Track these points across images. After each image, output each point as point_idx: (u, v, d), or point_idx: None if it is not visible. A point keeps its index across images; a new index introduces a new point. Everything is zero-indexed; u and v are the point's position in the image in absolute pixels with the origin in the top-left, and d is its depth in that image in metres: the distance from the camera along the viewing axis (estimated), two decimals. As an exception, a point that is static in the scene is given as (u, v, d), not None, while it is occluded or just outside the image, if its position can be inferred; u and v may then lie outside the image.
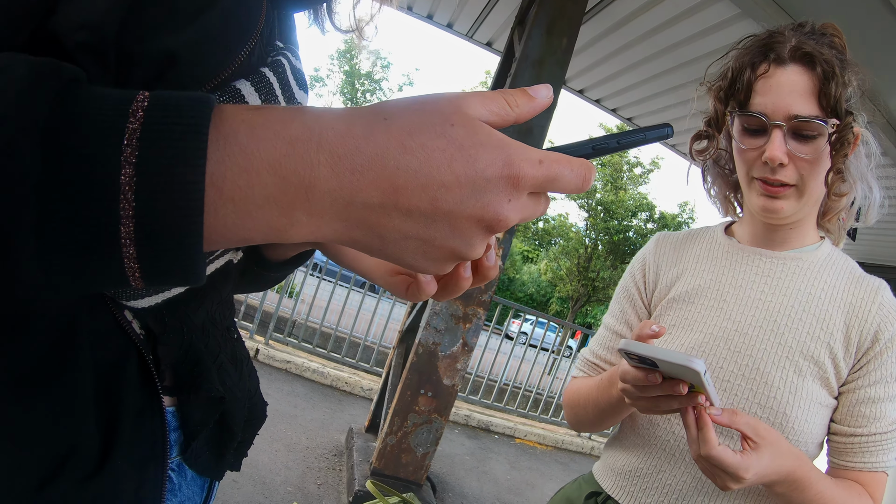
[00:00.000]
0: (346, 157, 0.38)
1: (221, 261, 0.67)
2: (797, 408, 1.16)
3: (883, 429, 1.16)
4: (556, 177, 0.43)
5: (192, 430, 0.67)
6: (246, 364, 0.81)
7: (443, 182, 0.40)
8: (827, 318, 1.21)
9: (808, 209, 1.25)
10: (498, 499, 5.43)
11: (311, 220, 0.40)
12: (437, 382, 4.19)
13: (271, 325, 7.25)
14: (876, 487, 1.18)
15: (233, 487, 3.78)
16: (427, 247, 0.43)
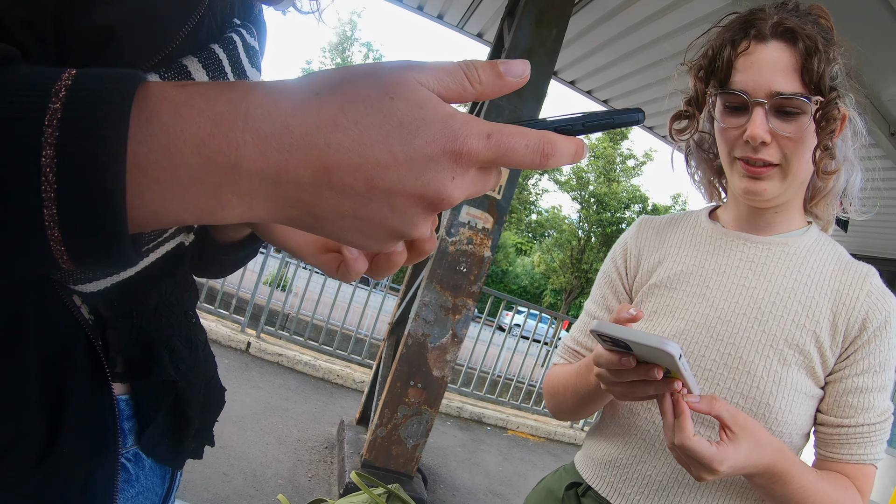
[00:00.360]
0: (273, 137, 0.36)
1: (172, 243, 0.65)
2: (780, 398, 1.13)
3: (871, 420, 1.13)
4: (507, 151, 0.40)
5: (146, 416, 0.66)
6: (202, 348, 0.79)
7: (378, 160, 0.38)
8: (813, 306, 1.17)
9: (792, 191, 1.20)
10: (490, 490, 5.43)
11: (242, 201, 0.38)
12: (427, 374, 4.18)
13: (263, 317, 7.24)
14: (864, 480, 1.15)
15: (223, 481, 3.78)
16: (366, 225, 0.41)
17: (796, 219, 1.27)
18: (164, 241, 0.64)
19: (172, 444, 0.72)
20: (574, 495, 1.32)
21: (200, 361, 0.77)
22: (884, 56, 4.28)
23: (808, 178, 1.21)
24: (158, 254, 0.63)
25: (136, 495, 0.69)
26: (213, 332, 6.78)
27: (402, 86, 0.38)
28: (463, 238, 4.11)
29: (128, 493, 0.67)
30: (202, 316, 6.86)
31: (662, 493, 1.19)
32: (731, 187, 1.26)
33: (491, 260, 4.17)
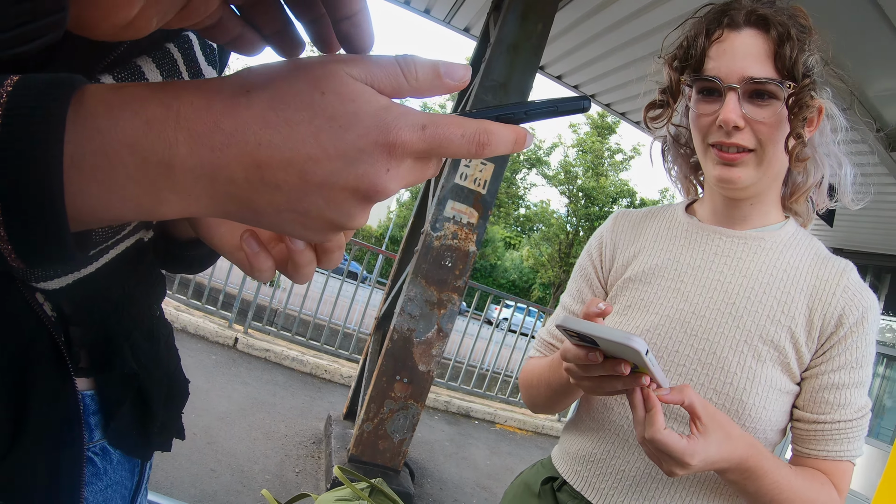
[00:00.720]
0: (204, 135, 0.37)
1: (131, 239, 0.66)
2: (754, 394, 1.12)
3: (848, 416, 1.12)
4: (444, 142, 0.41)
5: (110, 409, 0.67)
6: (164, 341, 0.80)
7: (310, 155, 0.38)
8: (789, 301, 1.15)
9: (767, 181, 1.19)
10: (478, 484, 5.45)
11: (179, 198, 0.39)
12: (413, 368, 4.19)
13: (250, 313, 7.22)
14: (841, 477, 1.14)
15: (210, 476, 3.77)
16: (304, 218, 0.41)
17: (773, 213, 1.25)
18: (123, 238, 0.64)
19: (139, 436, 0.73)
20: (550, 490, 1.32)
21: (162, 354, 0.78)
22: (870, 53, 4.31)
23: (783, 170, 1.20)
24: (118, 250, 0.64)
25: (105, 488, 0.70)
26: (200, 327, 6.76)
27: (332, 80, 0.39)
28: (448, 233, 4.11)
29: (96, 486, 0.68)
30: (189, 312, 6.88)
31: (636, 489, 1.18)
32: (706, 177, 1.26)
33: (476, 254, 4.18)
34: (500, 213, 34.27)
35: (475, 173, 4.12)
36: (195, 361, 5.88)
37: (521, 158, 32.99)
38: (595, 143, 31.21)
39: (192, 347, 6.30)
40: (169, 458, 3.76)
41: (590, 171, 31.41)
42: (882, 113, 5.29)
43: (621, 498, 1.19)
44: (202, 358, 6.11)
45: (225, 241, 0.61)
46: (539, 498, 1.33)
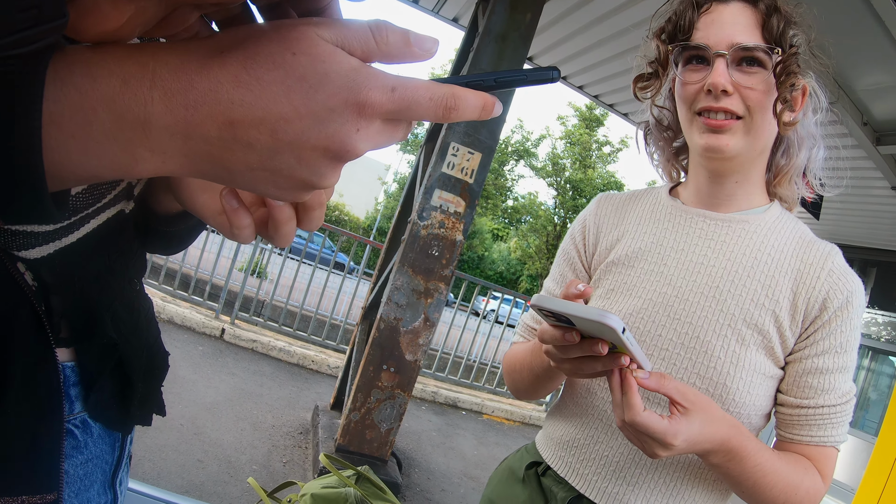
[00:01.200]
0: (179, 93, 0.38)
1: (112, 210, 0.66)
2: (738, 379, 1.11)
3: (832, 401, 1.11)
4: (412, 104, 0.42)
5: (90, 380, 0.67)
6: (144, 313, 0.80)
7: (281, 114, 0.39)
8: (773, 285, 1.14)
9: (754, 154, 1.17)
10: (465, 474, 5.47)
11: (154, 156, 0.40)
12: (400, 358, 4.19)
13: (237, 304, 7.20)
14: (825, 462, 1.13)
15: (197, 467, 3.77)
16: (276, 177, 0.43)
17: (757, 195, 1.24)
18: (104, 207, 0.64)
19: (119, 409, 0.73)
20: (534, 475, 1.32)
21: (142, 326, 0.78)
22: (858, 47, 4.34)
23: (768, 145, 1.20)
24: (99, 220, 0.64)
25: (86, 462, 0.70)
26: (187, 318, 6.73)
27: (303, 41, 0.40)
28: (435, 222, 4.11)
29: (76, 459, 0.68)
30: (176, 303, 6.86)
31: (619, 474, 1.18)
32: (691, 150, 1.25)
33: (463, 244, 4.18)
34: (487, 204, 34.28)
35: (462, 162, 4.12)
36: (182, 352, 5.86)
37: (508, 150, 33.01)
38: (583, 136, 31.24)
39: (178, 338, 6.27)
40: (156, 449, 3.76)
41: (577, 163, 31.46)
42: (869, 107, 5.33)
43: (605, 483, 1.19)
44: (189, 349, 6.09)
45: (207, 207, 0.62)
46: (523, 483, 1.33)
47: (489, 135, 4.20)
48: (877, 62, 4.53)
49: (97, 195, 0.62)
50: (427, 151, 4.85)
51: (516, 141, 33.31)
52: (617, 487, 1.18)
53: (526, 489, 1.32)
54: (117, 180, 0.64)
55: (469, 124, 4.12)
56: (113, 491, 0.77)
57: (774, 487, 1.07)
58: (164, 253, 0.87)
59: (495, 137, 4.24)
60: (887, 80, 4.79)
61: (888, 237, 8.89)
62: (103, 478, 0.74)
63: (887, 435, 5.86)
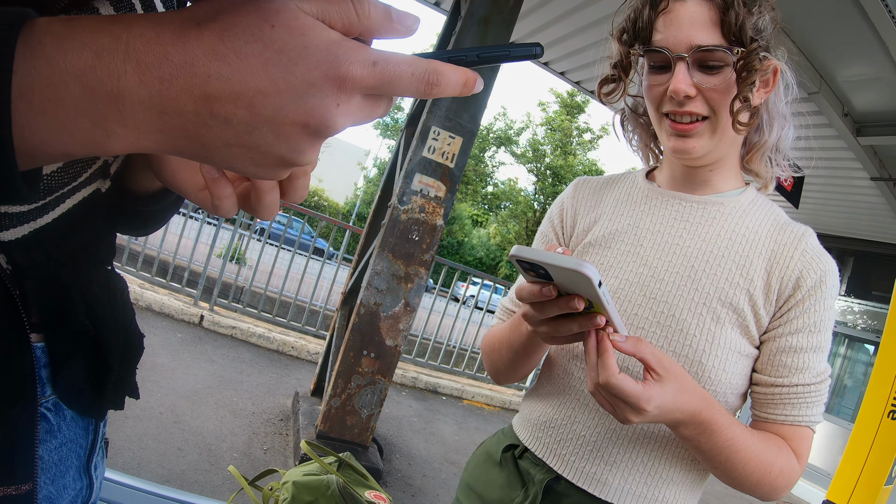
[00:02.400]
0: (153, 66, 0.37)
1: (88, 189, 0.64)
2: (714, 356, 1.12)
3: (806, 380, 1.12)
4: (393, 79, 0.41)
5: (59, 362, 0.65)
6: (120, 294, 0.78)
7: (259, 88, 0.38)
8: (747, 265, 1.15)
9: (724, 148, 1.19)
10: (445, 459, 5.49)
11: (128, 131, 0.39)
12: (380, 343, 4.19)
13: (215, 290, 7.15)
14: (800, 442, 1.13)
15: (178, 456, 3.74)
16: (253, 154, 0.41)
17: (732, 178, 1.26)
18: (80, 186, 0.63)
19: (92, 392, 0.71)
20: (511, 457, 1.32)
21: (119, 307, 0.76)
22: (838, 39, 4.37)
23: (738, 136, 1.20)
24: (75, 200, 0.62)
25: (60, 446, 0.68)
26: (165, 305, 6.68)
27: (282, 13, 0.39)
28: (415, 206, 4.09)
29: (50, 443, 0.67)
30: (154, 290, 6.81)
31: (596, 453, 1.18)
32: (663, 147, 1.25)
33: (443, 228, 4.17)
34: (467, 190, 34.33)
35: (443, 147, 4.10)
36: (160, 339, 5.82)
37: (489, 136, 33.03)
38: (564, 122, 31.33)
39: (157, 325, 6.22)
40: (135, 438, 3.73)
41: (558, 149, 31.58)
42: (850, 98, 5.38)
43: (582, 463, 1.19)
44: (167, 336, 6.04)
45: (189, 183, 0.61)
46: (500, 466, 1.33)
47: (470, 119, 4.18)
48: (858, 54, 4.57)
49: (73, 174, 0.60)
50: (408, 135, 4.83)
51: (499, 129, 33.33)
52: (595, 467, 1.18)
53: (503, 472, 1.32)
54: (93, 158, 0.62)
55: (450, 109, 4.09)
56: (88, 476, 0.76)
57: (747, 464, 1.07)
58: (134, 234, 0.86)
59: (476, 122, 4.23)
60: (868, 72, 4.84)
61: (866, 227, 9.04)
62: (78, 463, 0.73)
63: (863, 421, 5.96)
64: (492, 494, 1.32)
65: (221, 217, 0.57)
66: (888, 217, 8.00)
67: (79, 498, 0.74)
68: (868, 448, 5.86)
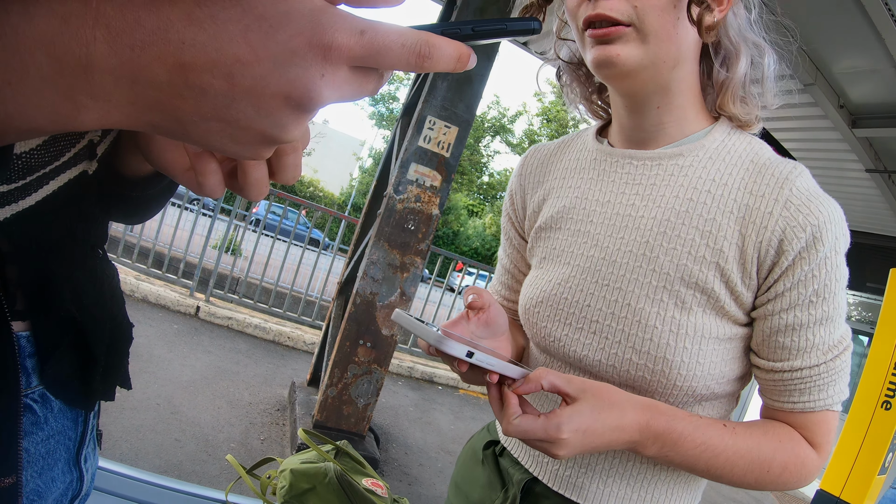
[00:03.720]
0: (124, 32, 0.34)
1: (74, 171, 0.62)
2: (681, 349, 0.93)
3: (812, 361, 0.92)
4: (382, 49, 0.38)
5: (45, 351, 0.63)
6: (108, 282, 0.76)
7: (238, 56, 0.35)
8: (715, 230, 0.93)
9: (666, 66, 0.94)
10: (442, 448, 5.50)
11: (98, 104, 0.37)
12: (376, 333, 4.19)
13: (211, 281, 7.14)
14: (816, 429, 0.96)
15: (175, 446, 3.75)
16: (232, 129, 0.39)
17: (692, 119, 1.02)
18: (64, 167, 0.60)
19: (80, 383, 0.69)
20: (492, 455, 1.23)
21: (106, 296, 0.74)
22: (834, 31, 4.37)
23: (687, 56, 0.97)
24: (60, 182, 0.60)
25: (47, 438, 0.67)
26: (161, 297, 6.67)
27: None
28: (411, 196, 4.09)
29: (37, 436, 0.65)
30: (150, 281, 6.79)
31: (571, 458, 1.05)
32: (589, 66, 0.98)
33: (439, 218, 4.17)
34: (463, 180, 34.26)
35: (439, 136, 4.09)
36: (157, 331, 5.81)
37: (484, 126, 32.94)
38: (560, 112, 31.25)
39: (153, 317, 6.21)
40: (132, 429, 3.74)
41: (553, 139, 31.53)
42: (846, 90, 5.38)
43: (556, 466, 1.08)
44: (164, 327, 6.03)
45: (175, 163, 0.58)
46: (483, 465, 1.24)
47: (466, 109, 4.18)
48: (854, 45, 4.57)
49: (54, 153, 0.58)
50: (403, 125, 4.82)
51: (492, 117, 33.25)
52: (570, 471, 1.06)
53: (485, 471, 1.22)
54: (77, 137, 0.59)
55: (446, 98, 4.09)
56: (79, 468, 0.74)
57: (735, 467, 0.93)
58: (127, 221, 0.82)
59: (472, 111, 4.22)
60: (864, 64, 4.84)
61: (861, 219, 9.04)
62: (67, 455, 0.71)
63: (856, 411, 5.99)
64: (475, 494, 1.23)
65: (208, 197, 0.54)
66: (883, 209, 8.01)
67: (69, 491, 0.73)
68: (861, 438, 5.90)
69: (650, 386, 0.96)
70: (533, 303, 1.10)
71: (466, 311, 0.97)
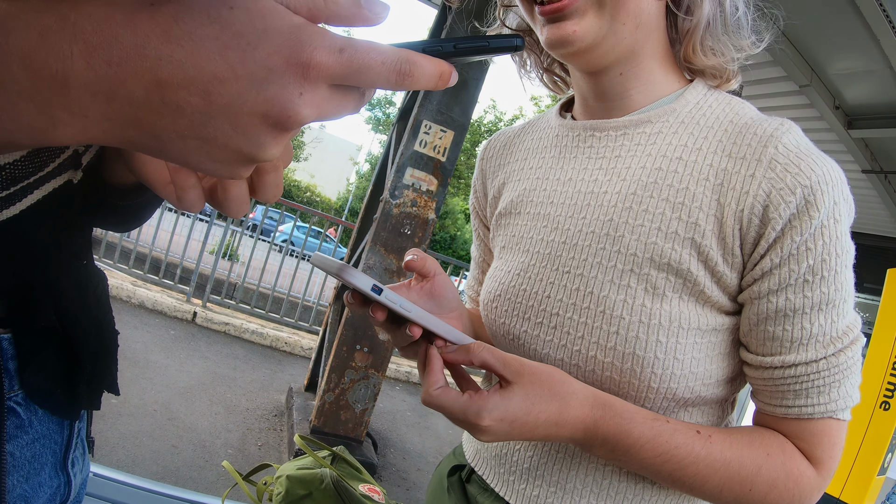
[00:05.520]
0: (101, 48, 0.34)
1: (59, 180, 0.61)
2: (653, 344, 0.79)
3: (810, 356, 0.76)
4: (362, 68, 0.38)
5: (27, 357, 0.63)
6: (93, 290, 0.75)
7: (215, 74, 0.35)
8: (688, 201, 0.80)
9: (628, 33, 0.83)
10: (440, 453, 5.49)
11: (75, 119, 0.36)
12: (373, 338, 4.19)
13: (208, 287, 7.14)
14: (816, 441, 0.79)
15: (172, 453, 3.74)
16: (210, 147, 0.38)
17: (662, 81, 0.90)
18: (48, 177, 0.60)
19: (64, 392, 0.68)
20: (458, 481, 1.10)
21: (91, 304, 0.73)
22: (830, 32, 4.38)
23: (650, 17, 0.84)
24: (44, 191, 0.59)
25: (32, 442, 0.66)
26: (158, 302, 6.66)
27: None
28: (407, 200, 4.09)
29: (22, 439, 0.64)
30: (147, 287, 6.78)
31: (539, 475, 0.94)
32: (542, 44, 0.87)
33: (435, 222, 4.17)
34: (459, 184, 34.27)
35: (435, 140, 4.10)
36: (154, 337, 5.80)
37: (482, 130, 32.97)
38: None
39: (150, 323, 6.20)
40: (129, 435, 3.73)
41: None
42: (841, 91, 5.39)
43: (523, 485, 0.95)
44: (161, 333, 6.02)
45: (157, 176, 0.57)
46: (448, 494, 1.10)
47: (462, 113, 4.18)
48: (849, 46, 4.58)
49: (38, 163, 0.57)
50: (399, 130, 4.82)
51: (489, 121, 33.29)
52: (538, 490, 0.93)
53: (451, 500, 1.09)
54: (61, 147, 0.59)
55: (442, 102, 4.09)
56: (66, 473, 0.74)
57: (707, 481, 0.79)
58: (115, 230, 0.82)
59: (468, 115, 4.22)
60: (859, 65, 4.85)
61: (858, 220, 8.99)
62: (54, 459, 0.71)
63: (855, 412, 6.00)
64: None
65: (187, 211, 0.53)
66: (880, 209, 8.03)
67: (57, 495, 0.72)
68: (861, 439, 5.91)
69: (620, 388, 0.83)
70: (490, 297, 1.00)
71: (409, 281, 0.89)
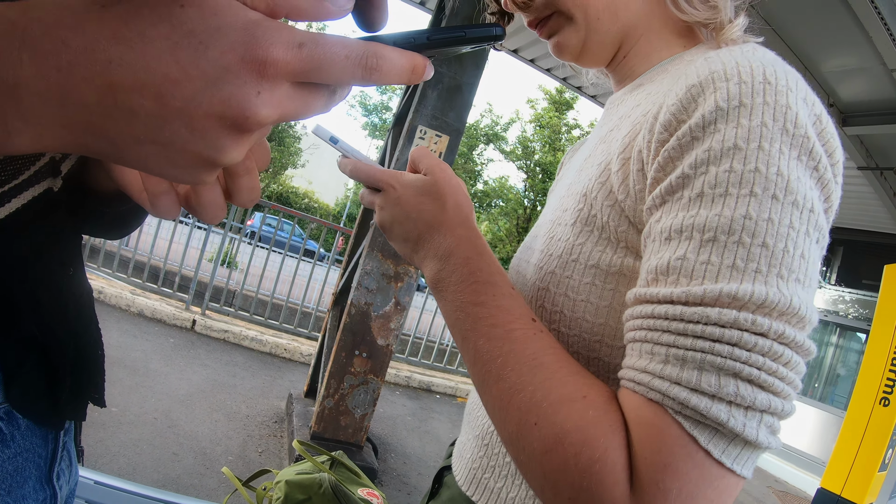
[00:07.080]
0: (50, 54, 0.33)
1: (38, 189, 0.60)
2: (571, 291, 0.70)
3: (672, 292, 0.54)
4: (324, 63, 0.36)
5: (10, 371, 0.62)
6: (75, 301, 0.73)
7: (167, 75, 0.34)
8: (607, 158, 0.73)
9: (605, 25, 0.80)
10: (440, 457, 5.47)
11: (29, 127, 0.35)
12: (372, 343, 4.19)
13: (207, 294, 7.14)
14: (644, 437, 0.52)
15: (173, 461, 3.74)
16: (168, 152, 0.37)
17: (662, 48, 0.84)
18: (25, 185, 0.58)
19: (48, 403, 0.67)
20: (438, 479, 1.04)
21: (71, 315, 0.71)
22: (823, 30, 4.39)
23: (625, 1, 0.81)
24: (23, 199, 0.58)
25: (14, 456, 0.64)
26: (157, 310, 6.66)
27: None
28: (404, 206, 4.09)
29: (4, 454, 0.62)
30: (145, 295, 6.77)
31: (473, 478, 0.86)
32: None
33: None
34: (458, 189, 34.27)
35: (430, 145, 4.10)
36: (153, 345, 5.80)
37: (478, 134, 33.00)
38: (552, 119, 31.32)
39: (149, 331, 6.20)
40: (130, 444, 3.72)
41: (547, 146, 31.54)
42: (835, 88, 5.42)
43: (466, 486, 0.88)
44: (160, 341, 6.02)
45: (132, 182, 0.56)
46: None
47: (457, 118, 4.19)
48: (843, 44, 4.60)
49: (11, 171, 0.56)
50: (395, 135, 4.83)
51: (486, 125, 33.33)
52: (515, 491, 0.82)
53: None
54: (35, 155, 0.57)
55: (436, 107, 4.10)
56: (52, 486, 0.72)
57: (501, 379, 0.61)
58: (106, 237, 0.80)
59: (463, 120, 4.23)
60: (853, 62, 4.87)
61: (854, 216, 9.08)
62: (38, 473, 0.69)
63: (855, 409, 6.01)
64: None
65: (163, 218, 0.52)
66: (877, 206, 8.05)
67: None
68: (861, 435, 5.91)
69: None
70: None
71: None
